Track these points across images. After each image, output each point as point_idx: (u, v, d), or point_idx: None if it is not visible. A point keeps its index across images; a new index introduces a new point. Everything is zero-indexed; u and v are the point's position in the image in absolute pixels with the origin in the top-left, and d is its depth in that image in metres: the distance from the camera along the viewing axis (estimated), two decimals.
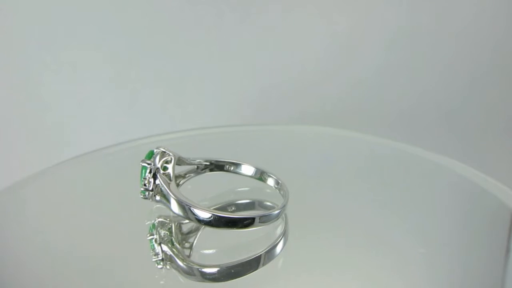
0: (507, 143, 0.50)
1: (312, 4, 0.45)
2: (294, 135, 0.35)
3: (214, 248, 0.22)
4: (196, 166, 0.25)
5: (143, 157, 0.23)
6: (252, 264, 0.20)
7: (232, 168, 0.25)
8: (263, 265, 0.20)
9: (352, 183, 0.28)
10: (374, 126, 0.48)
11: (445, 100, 0.49)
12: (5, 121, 0.44)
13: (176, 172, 0.23)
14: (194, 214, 0.20)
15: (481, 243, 0.23)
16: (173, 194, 0.21)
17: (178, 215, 0.21)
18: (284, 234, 0.22)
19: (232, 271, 0.20)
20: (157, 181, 0.22)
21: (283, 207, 0.22)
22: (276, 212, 0.21)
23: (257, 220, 0.20)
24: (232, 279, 0.19)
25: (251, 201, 0.25)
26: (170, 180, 0.22)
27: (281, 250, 0.21)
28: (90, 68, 0.44)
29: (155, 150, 0.22)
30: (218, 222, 0.20)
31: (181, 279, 0.20)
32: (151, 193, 0.22)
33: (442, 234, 0.24)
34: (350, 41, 0.47)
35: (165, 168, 0.22)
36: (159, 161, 0.22)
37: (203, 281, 0.19)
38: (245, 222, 0.20)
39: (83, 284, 0.20)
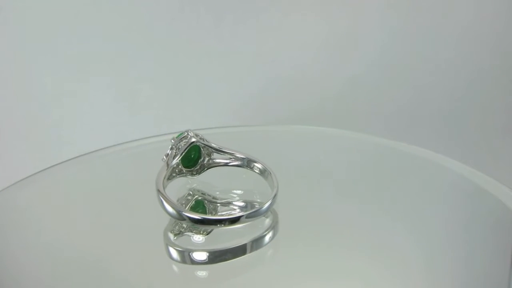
0: (507, 143, 0.50)
1: (312, 3, 0.45)
2: (294, 135, 0.35)
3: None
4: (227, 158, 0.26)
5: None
6: (239, 251, 0.21)
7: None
8: (251, 251, 0.21)
9: (351, 182, 0.28)
10: (374, 126, 0.48)
11: (445, 100, 0.49)
12: (5, 121, 0.44)
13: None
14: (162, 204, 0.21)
15: (483, 245, 0.23)
16: (157, 179, 0.22)
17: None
18: (274, 227, 0.22)
19: (221, 256, 0.21)
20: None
21: (269, 205, 0.22)
22: (263, 209, 0.21)
23: (243, 218, 0.21)
24: (220, 262, 0.20)
25: (242, 203, 0.25)
26: (171, 161, 0.23)
27: (269, 240, 0.21)
28: (90, 68, 0.44)
29: (184, 132, 0.24)
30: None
31: (174, 267, 0.20)
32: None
33: (442, 234, 0.24)
34: (350, 40, 0.47)
35: (178, 149, 0.24)
36: (177, 142, 0.24)
37: (191, 264, 0.20)
38: (231, 219, 0.21)
39: (83, 284, 0.20)
